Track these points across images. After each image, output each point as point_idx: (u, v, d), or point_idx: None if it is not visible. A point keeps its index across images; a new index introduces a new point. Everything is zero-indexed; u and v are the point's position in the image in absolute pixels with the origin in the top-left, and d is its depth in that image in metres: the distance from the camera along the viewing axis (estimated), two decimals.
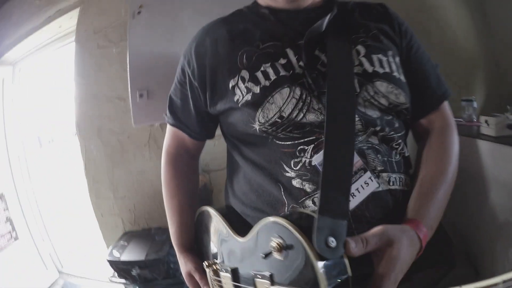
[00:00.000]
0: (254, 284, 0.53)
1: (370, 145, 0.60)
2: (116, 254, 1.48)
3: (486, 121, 1.14)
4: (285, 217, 0.48)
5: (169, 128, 0.82)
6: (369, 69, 0.63)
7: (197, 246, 0.77)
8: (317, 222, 0.45)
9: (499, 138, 1.09)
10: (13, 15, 2.38)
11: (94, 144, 1.66)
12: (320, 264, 0.42)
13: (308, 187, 0.58)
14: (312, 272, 0.43)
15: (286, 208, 0.60)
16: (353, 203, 0.55)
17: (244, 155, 0.68)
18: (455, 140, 0.69)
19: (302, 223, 0.46)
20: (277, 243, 0.47)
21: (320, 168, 0.54)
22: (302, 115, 0.60)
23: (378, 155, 0.59)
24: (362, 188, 0.56)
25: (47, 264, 2.35)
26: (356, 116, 0.59)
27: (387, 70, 0.64)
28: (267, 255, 0.50)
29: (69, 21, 1.81)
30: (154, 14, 1.34)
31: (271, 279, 0.49)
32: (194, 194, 0.83)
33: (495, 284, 0.32)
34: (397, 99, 0.63)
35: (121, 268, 1.45)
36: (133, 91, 1.31)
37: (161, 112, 0.98)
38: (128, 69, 1.32)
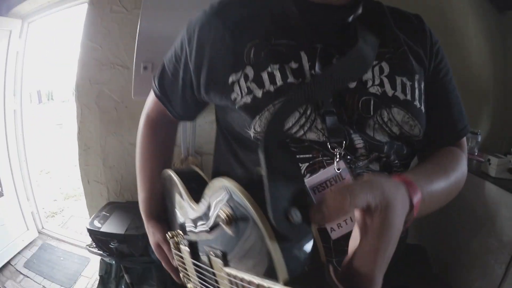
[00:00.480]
0: (210, 261, 0.44)
1: (369, 171, 0.54)
2: (97, 224, 1.47)
3: (488, 160, 1.15)
4: (237, 182, 0.38)
5: (154, 98, 0.75)
6: (389, 92, 0.56)
7: (165, 216, 0.73)
8: (268, 186, 0.33)
9: (497, 180, 1.12)
10: None
11: (91, 108, 1.64)
12: (276, 246, 0.32)
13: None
14: (268, 257, 0.32)
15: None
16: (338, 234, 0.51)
17: (236, 154, 0.64)
18: (465, 161, 0.63)
19: (256, 189, 0.35)
20: (226, 214, 0.37)
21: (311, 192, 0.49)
22: (302, 132, 0.53)
23: None
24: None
25: (28, 224, 2.35)
26: (361, 140, 0.53)
27: (409, 97, 0.57)
28: (213, 227, 0.42)
29: None
30: None
31: (224, 258, 0.40)
32: (168, 162, 0.79)
33: None
34: (411, 130, 0.56)
35: (99, 239, 1.44)
36: (138, 62, 1.27)
37: None
38: (136, 39, 1.28)
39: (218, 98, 0.60)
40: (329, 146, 0.52)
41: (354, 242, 0.35)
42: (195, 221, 0.51)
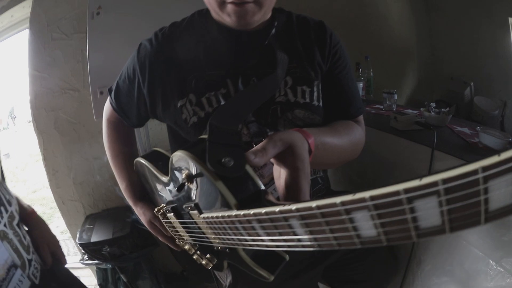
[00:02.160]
0: (191, 217, 0.57)
1: None
2: (85, 237, 1.62)
3: (395, 117, 1.30)
4: (186, 149, 0.53)
5: (110, 107, 0.93)
6: (292, 99, 0.77)
7: (148, 197, 0.87)
8: (208, 144, 0.50)
9: (403, 132, 1.26)
10: None
11: (51, 135, 1.77)
12: (221, 184, 0.46)
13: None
14: (220, 194, 0.47)
15: None
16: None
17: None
18: (360, 130, 0.82)
19: (201, 151, 0.51)
20: (186, 174, 0.53)
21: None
22: None
23: None
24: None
25: None
26: None
27: (308, 100, 0.78)
28: (180, 187, 0.57)
29: (21, 10, 1.85)
30: (113, 17, 1.44)
31: (198, 208, 0.53)
32: (135, 154, 0.96)
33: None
34: (312, 122, 0.79)
35: (92, 249, 1.60)
36: (94, 88, 1.43)
37: None
38: (88, 67, 1.44)
39: (173, 120, 0.80)
40: (253, 144, 0.67)
41: (277, 178, 0.54)
42: (170, 190, 0.65)
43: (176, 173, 0.59)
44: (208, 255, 0.63)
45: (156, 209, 0.74)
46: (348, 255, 0.98)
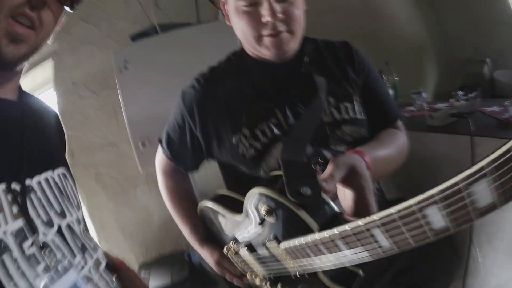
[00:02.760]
0: (268, 249, 0.63)
1: None
2: None
3: (430, 116, 1.35)
4: (262, 186, 0.60)
5: (164, 157, 0.98)
6: (338, 117, 0.83)
7: (212, 239, 0.90)
8: (285, 178, 0.56)
9: (444, 127, 1.30)
10: None
11: (93, 190, 1.80)
12: (303, 212, 0.53)
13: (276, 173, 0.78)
14: (302, 221, 0.54)
15: None
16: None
17: (247, 184, 0.81)
18: (404, 136, 0.88)
19: (280, 186, 0.58)
20: (265, 209, 0.60)
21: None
22: None
23: None
24: None
25: None
26: (329, 152, 0.79)
27: (352, 115, 0.84)
28: (262, 221, 0.62)
29: (43, 73, 1.91)
30: (141, 68, 1.49)
31: (276, 239, 0.60)
32: (194, 199, 1.00)
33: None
34: (359, 134, 0.84)
35: None
36: (135, 140, 1.47)
37: None
38: (126, 121, 1.48)
39: (229, 156, 0.85)
40: (312, 166, 0.75)
41: (343, 199, 0.60)
42: (244, 227, 0.70)
43: (253, 210, 0.65)
44: (279, 285, 0.70)
45: (226, 248, 0.78)
46: (411, 258, 0.97)
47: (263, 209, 0.60)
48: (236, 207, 0.72)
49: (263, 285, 0.74)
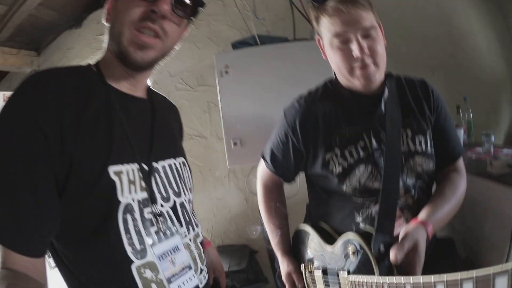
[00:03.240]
0: (337, 276, 0.86)
1: (404, 204, 0.98)
2: None
3: (490, 162, 1.40)
4: (358, 234, 0.85)
5: (267, 171, 1.14)
6: (412, 148, 0.96)
7: (294, 254, 1.08)
8: (374, 237, 0.82)
9: (499, 177, 1.35)
10: (77, 49, 2.73)
11: None
12: (375, 262, 0.78)
13: (368, 228, 0.94)
14: (371, 266, 0.79)
15: None
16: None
17: (327, 199, 1.05)
18: (463, 182, 1.00)
19: (366, 237, 0.83)
20: (353, 250, 0.84)
21: (376, 217, 0.93)
22: (371, 183, 0.95)
23: (411, 211, 0.98)
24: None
25: None
26: (400, 183, 0.93)
27: (424, 148, 0.97)
28: (347, 256, 0.86)
29: None
30: (240, 74, 1.66)
31: (348, 271, 0.84)
32: (286, 213, 1.18)
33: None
34: (428, 167, 0.97)
35: None
36: (228, 139, 1.66)
37: (252, 157, 1.34)
38: (222, 121, 1.66)
39: (319, 170, 0.99)
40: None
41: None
42: (329, 255, 0.93)
43: (342, 246, 0.89)
44: None
45: (304, 265, 0.98)
46: None
47: (350, 249, 0.85)
48: (327, 237, 0.97)
49: None
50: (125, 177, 0.65)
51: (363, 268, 0.81)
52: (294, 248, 1.09)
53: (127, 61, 0.69)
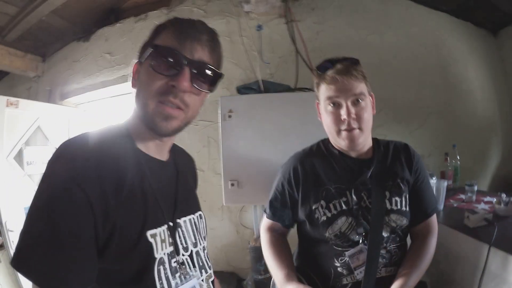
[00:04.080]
0: None
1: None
2: None
3: (467, 216, 1.52)
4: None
5: (268, 221, 1.30)
6: (389, 207, 1.15)
7: None
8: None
9: (474, 230, 1.48)
10: (83, 63, 2.81)
11: None
12: None
13: (345, 272, 1.14)
14: None
15: (333, 278, 1.16)
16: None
17: (313, 246, 1.22)
18: (433, 242, 1.18)
19: None
20: None
21: (351, 264, 1.12)
22: (349, 232, 1.14)
23: (384, 259, 1.15)
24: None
25: None
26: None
27: (399, 207, 1.16)
28: None
29: None
30: (242, 119, 1.78)
31: None
32: (290, 252, 1.30)
33: None
34: (401, 222, 1.15)
35: None
36: (226, 180, 1.79)
37: (247, 198, 1.52)
38: (221, 162, 1.79)
39: (307, 217, 1.18)
40: (360, 241, 1.13)
41: None
42: None
43: None
44: None
45: None
46: None
47: None
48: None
49: None
50: (158, 238, 0.76)
51: None
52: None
53: (154, 130, 0.77)
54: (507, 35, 2.53)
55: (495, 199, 1.64)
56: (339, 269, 1.17)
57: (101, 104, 2.90)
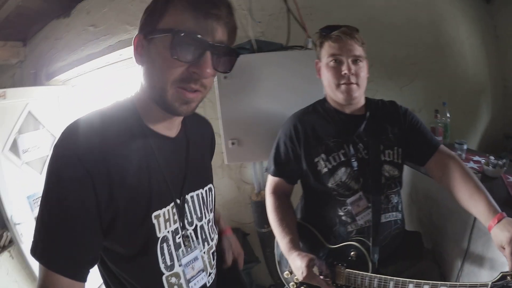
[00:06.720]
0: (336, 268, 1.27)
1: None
2: None
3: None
4: (356, 241, 1.25)
5: (272, 179, 1.46)
6: (382, 158, 1.34)
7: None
8: (372, 247, 1.26)
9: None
10: (66, 40, 2.80)
11: None
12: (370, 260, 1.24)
13: (349, 220, 1.32)
14: (367, 264, 1.24)
15: (337, 227, 1.35)
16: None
17: (317, 200, 1.40)
18: (462, 163, 1.29)
19: (362, 244, 1.25)
20: (354, 253, 1.26)
21: (353, 211, 1.31)
22: (349, 181, 1.33)
23: (383, 204, 1.33)
24: None
25: None
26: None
27: (391, 158, 1.35)
28: (348, 257, 1.28)
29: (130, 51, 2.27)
30: (238, 79, 1.87)
31: (346, 267, 1.24)
32: (295, 216, 1.44)
33: None
34: (393, 173, 1.35)
35: None
36: (226, 139, 1.91)
37: (248, 155, 1.78)
38: (220, 122, 1.89)
39: (311, 170, 1.38)
40: (359, 188, 1.34)
41: None
42: (331, 253, 1.34)
43: (346, 250, 1.29)
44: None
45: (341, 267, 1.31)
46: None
47: (352, 253, 1.26)
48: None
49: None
50: (162, 218, 0.80)
51: (362, 265, 1.23)
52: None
53: (172, 112, 0.78)
54: (500, 1, 2.60)
55: (483, 160, 1.74)
56: (343, 217, 1.34)
57: (89, 77, 2.90)
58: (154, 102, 0.77)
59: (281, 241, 1.34)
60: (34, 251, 0.69)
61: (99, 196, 0.69)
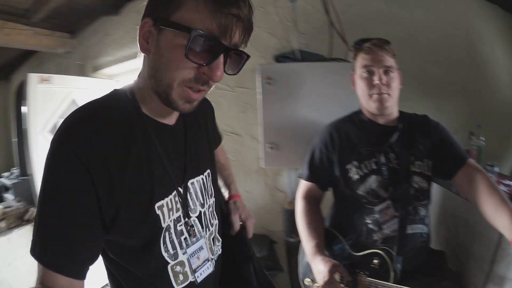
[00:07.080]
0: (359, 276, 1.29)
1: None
2: None
3: None
4: (380, 249, 1.27)
5: (305, 184, 1.54)
6: (412, 169, 1.39)
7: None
8: (395, 256, 1.27)
9: None
10: (114, 36, 2.96)
11: None
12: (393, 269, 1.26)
13: (375, 228, 1.36)
14: (388, 272, 1.24)
15: (363, 235, 1.39)
16: None
17: (346, 206, 1.46)
18: (488, 177, 1.30)
19: (387, 254, 1.27)
20: (378, 262, 1.28)
21: (380, 219, 1.35)
22: (379, 189, 1.36)
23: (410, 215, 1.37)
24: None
25: None
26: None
27: (421, 170, 1.39)
28: (371, 263, 1.30)
29: None
30: (280, 86, 1.97)
31: (368, 275, 1.26)
32: (323, 222, 1.49)
33: None
34: (422, 184, 1.39)
35: None
36: (266, 143, 2.00)
37: (285, 161, 1.79)
38: (261, 126, 1.99)
39: (341, 176, 1.43)
40: (388, 197, 1.37)
41: None
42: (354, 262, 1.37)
43: (370, 257, 1.32)
44: None
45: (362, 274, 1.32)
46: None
47: (376, 261, 1.30)
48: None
49: None
50: (165, 208, 0.79)
51: (383, 273, 1.25)
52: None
53: (173, 108, 0.76)
54: None
55: None
56: (370, 225, 1.38)
57: (134, 75, 3.01)
58: (155, 94, 0.75)
59: (307, 244, 1.38)
60: (33, 251, 0.68)
61: (99, 192, 0.68)
